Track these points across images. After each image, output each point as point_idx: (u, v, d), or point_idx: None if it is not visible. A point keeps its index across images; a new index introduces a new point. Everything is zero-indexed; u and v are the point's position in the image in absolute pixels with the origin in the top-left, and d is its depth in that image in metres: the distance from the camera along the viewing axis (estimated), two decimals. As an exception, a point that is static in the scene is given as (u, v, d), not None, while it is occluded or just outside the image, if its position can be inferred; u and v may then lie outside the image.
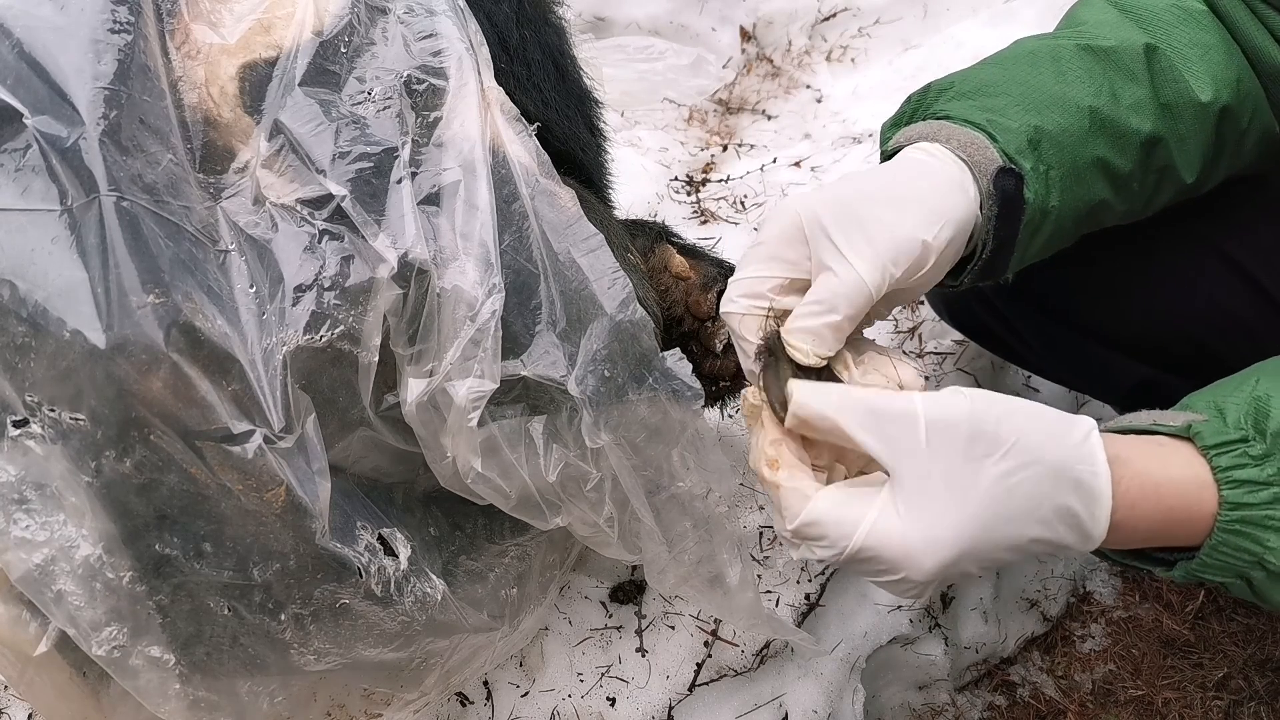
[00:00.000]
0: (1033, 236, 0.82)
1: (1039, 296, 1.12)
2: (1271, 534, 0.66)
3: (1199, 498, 0.67)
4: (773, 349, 0.72)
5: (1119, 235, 1.03)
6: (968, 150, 0.78)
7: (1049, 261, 0.99)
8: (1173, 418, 0.72)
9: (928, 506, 0.64)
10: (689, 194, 1.61)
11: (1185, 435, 0.70)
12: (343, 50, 0.71)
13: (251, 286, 0.66)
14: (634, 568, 1.08)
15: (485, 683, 1.01)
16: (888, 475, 0.66)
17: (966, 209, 0.76)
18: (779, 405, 0.70)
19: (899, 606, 1.17)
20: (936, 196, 0.76)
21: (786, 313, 0.73)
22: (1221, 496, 0.67)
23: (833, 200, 0.74)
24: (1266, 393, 0.69)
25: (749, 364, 0.74)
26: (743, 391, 0.74)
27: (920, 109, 0.86)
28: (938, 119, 0.83)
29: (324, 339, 0.66)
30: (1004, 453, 0.64)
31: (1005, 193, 0.78)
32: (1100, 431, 0.69)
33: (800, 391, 0.68)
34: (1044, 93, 0.83)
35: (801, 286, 0.74)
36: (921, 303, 1.38)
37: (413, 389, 0.68)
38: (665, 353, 0.74)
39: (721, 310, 0.75)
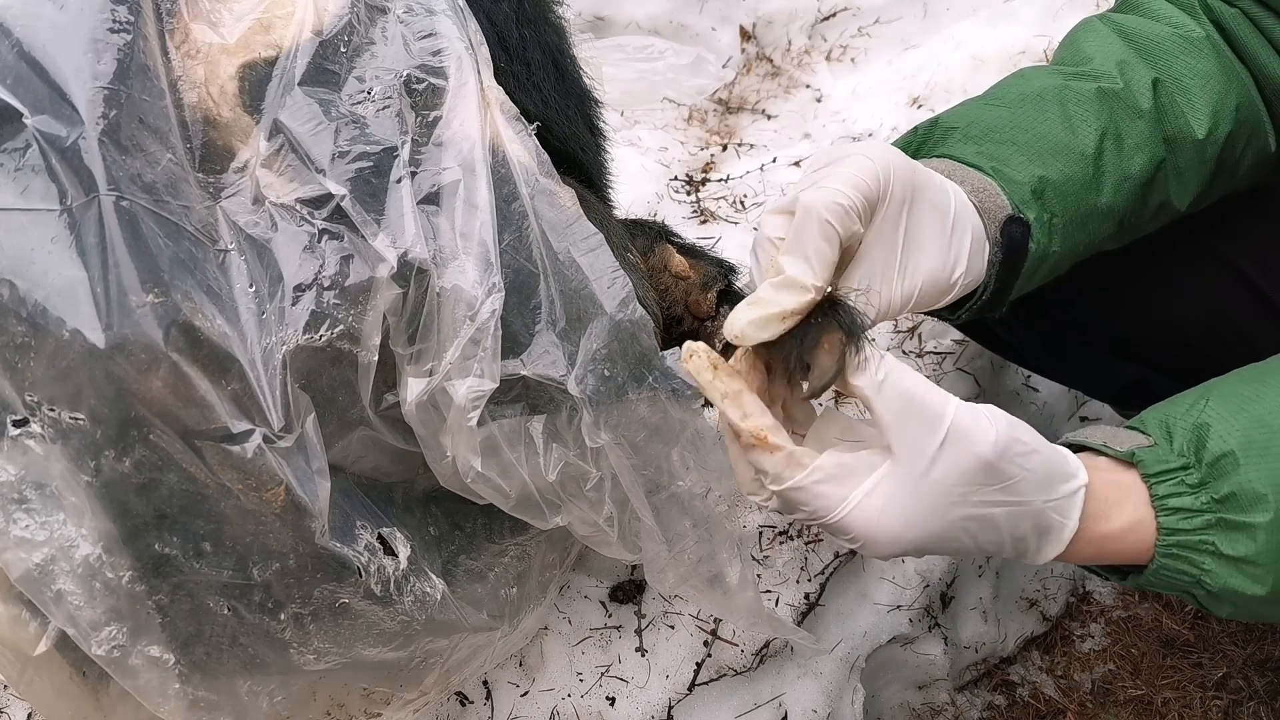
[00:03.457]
0: (1030, 277, 0.84)
1: (1037, 297, 1.12)
2: (1207, 557, 0.69)
3: (1139, 536, 0.71)
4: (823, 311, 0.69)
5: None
6: (979, 195, 0.79)
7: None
8: (1122, 440, 0.74)
9: (909, 507, 0.67)
10: (689, 194, 1.61)
11: (1130, 461, 0.72)
12: (342, 50, 0.71)
13: (251, 286, 0.66)
14: (634, 567, 1.08)
15: (485, 682, 1.01)
16: (888, 456, 0.68)
17: (983, 257, 0.79)
18: (798, 359, 0.68)
19: (899, 606, 1.17)
20: (970, 243, 0.78)
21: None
22: (1159, 523, 0.70)
23: (921, 187, 0.75)
24: (1208, 420, 0.71)
25: (766, 263, 0.71)
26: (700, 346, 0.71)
27: (928, 144, 0.87)
28: (947, 159, 0.84)
29: (324, 338, 0.66)
30: (1004, 485, 0.67)
31: (1012, 240, 0.80)
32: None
33: (859, 352, 0.67)
34: (1050, 140, 0.84)
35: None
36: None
37: (412, 388, 0.68)
38: (665, 352, 0.74)
39: (802, 197, 0.69)
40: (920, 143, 0.88)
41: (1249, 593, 0.69)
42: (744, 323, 0.67)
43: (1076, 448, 0.74)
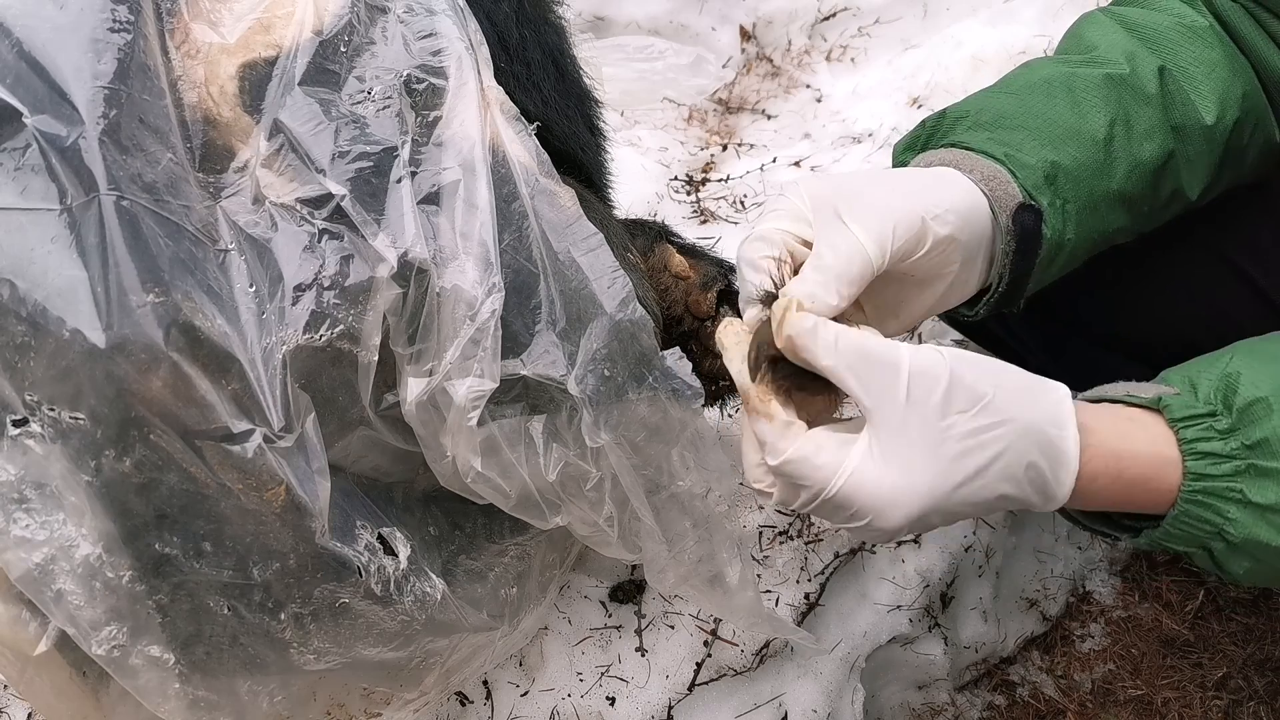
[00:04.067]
0: (1047, 268, 0.83)
1: (1036, 297, 1.12)
2: (1232, 505, 0.68)
3: (1162, 473, 0.69)
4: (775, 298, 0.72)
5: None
6: (989, 184, 0.79)
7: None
8: (1145, 389, 0.73)
9: (901, 457, 0.66)
10: (689, 194, 1.61)
11: (1156, 407, 0.71)
12: (342, 50, 0.71)
13: (251, 286, 0.66)
14: (634, 567, 1.08)
15: (485, 682, 1.01)
16: (866, 420, 0.68)
17: (975, 211, 0.77)
18: (767, 345, 0.71)
19: (898, 606, 1.17)
20: (944, 189, 0.77)
21: (795, 268, 0.74)
22: (1186, 468, 0.69)
23: (842, 181, 0.75)
24: (1238, 369, 0.70)
25: (750, 298, 0.74)
26: (727, 322, 0.75)
27: (937, 135, 0.87)
28: (956, 148, 0.83)
29: (324, 338, 0.66)
30: (979, 408, 0.66)
31: (1025, 228, 0.79)
32: (1075, 400, 0.71)
33: (804, 320, 0.68)
34: (1060, 126, 0.83)
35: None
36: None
37: (412, 388, 0.68)
38: (665, 352, 0.74)
39: (740, 247, 0.76)
40: (929, 135, 0.87)
41: (1273, 543, 0.67)
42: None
43: (1097, 404, 0.73)
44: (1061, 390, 0.69)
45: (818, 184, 0.75)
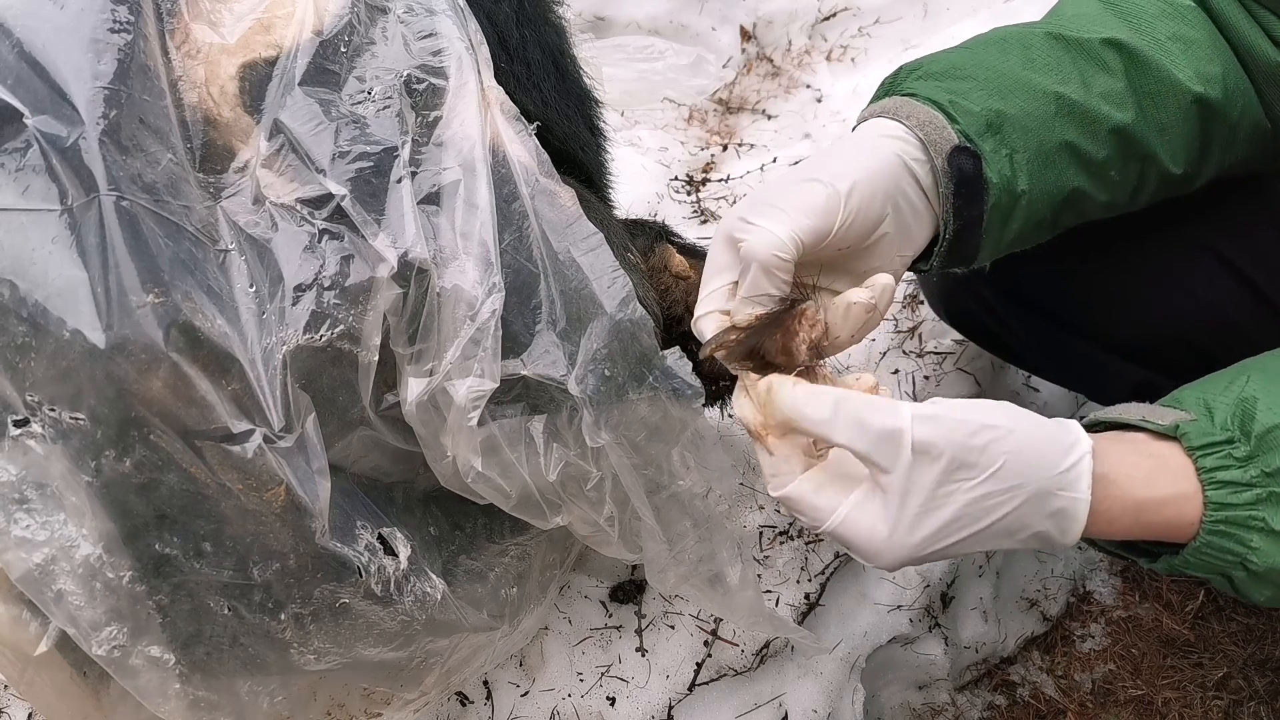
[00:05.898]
0: (1005, 222, 0.82)
1: (1035, 298, 1.12)
2: (1255, 534, 0.67)
3: (1182, 509, 0.69)
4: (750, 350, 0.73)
5: (1115, 236, 1.03)
6: (925, 129, 0.78)
7: (1045, 262, 0.99)
8: (1162, 415, 0.72)
9: (902, 518, 0.66)
10: (689, 194, 1.61)
11: (1173, 434, 0.70)
12: (342, 50, 0.71)
13: (251, 286, 0.66)
14: (634, 567, 1.08)
15: (485, 682, 1.01)
16: (870, 478, 0.68)
17: (886, 159, 0.76)
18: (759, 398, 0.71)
19: (899, 606, 1.17)
20: (852, 149, 0.77)
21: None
22: (1206, 497, 0.68)
23: (751, 195, 0.76)
24: (1254, 394, 0.70)
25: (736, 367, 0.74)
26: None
27: (891, 89, 0.87)
28: (904, 96, 0.83)
29: (324, 338, 0.66)
30: (985, 477, 0.66)
31: (962, 172, 0.78)
32: (1088, 428, 0.70)
33: (793, 400, 0.68)
34: (1009, 77, 0.83)
35: None
36: (921, 302, 1.38)
37: (413, 388, 0.68)
38: (665, 351, 0.74)
39: (696, 328, 0.77)
40: (884, 91, 0.87)
41: None
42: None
43: (1112, 425, 0.73)
44: (1081, 446, 0.68)
45: (732, 212, 0.76)
